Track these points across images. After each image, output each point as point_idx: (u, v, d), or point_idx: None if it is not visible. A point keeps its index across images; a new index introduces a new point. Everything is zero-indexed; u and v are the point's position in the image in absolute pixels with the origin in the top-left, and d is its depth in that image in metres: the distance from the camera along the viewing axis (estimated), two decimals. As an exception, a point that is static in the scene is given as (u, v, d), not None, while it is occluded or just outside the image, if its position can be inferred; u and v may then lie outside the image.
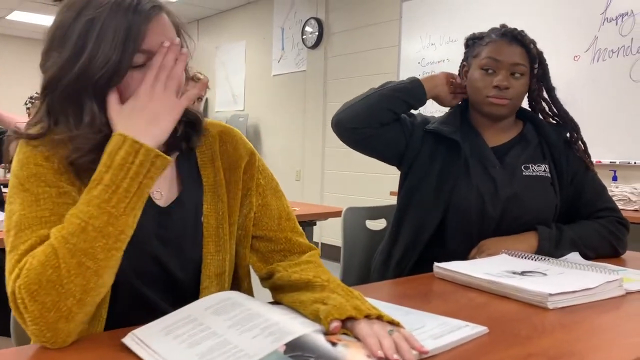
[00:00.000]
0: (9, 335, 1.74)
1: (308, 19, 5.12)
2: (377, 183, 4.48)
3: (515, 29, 1.48)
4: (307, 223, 2.46)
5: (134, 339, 0.74)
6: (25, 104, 4.18)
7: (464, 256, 1.42)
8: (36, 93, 1.79)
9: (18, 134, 0.84)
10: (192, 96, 0.84)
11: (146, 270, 0.89)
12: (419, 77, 1.53)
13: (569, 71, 3.30)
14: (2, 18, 6.84)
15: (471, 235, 1.46)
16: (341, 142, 1.52)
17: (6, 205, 0.81)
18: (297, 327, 0.74)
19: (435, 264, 1.19)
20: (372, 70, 4.60)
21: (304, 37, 5.17)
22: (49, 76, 0.81)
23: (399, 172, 1.58)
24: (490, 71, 1.46)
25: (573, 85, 3.25)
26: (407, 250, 1.48)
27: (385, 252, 1.55)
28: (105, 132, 0.80)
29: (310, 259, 0.96)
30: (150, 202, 0.89)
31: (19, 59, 7.46)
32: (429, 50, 4.18)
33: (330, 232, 4.87)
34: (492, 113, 1.47)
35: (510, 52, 1.45)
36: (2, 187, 2.45)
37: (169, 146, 0.90)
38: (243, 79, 6.14)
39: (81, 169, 0.82)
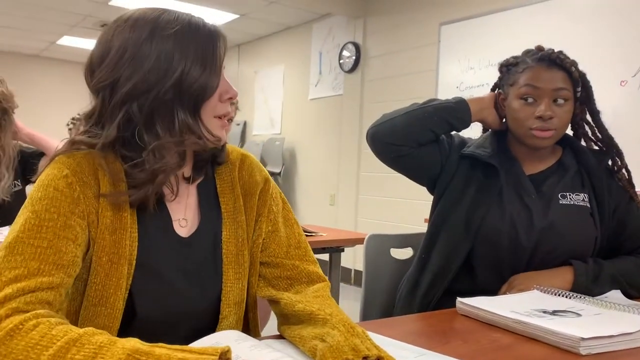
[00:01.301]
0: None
1: (346, 44, 5.12)
2: (413, 209, 4.37)
3: (553, 51, 1.37)
4: (335, 249, 2.39)
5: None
6: (67, 124, 4.28)
7: (494, 290, 1.32)
8: (78, 114, 1.80)
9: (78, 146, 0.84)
10: None
11: (164, 303, 0.86)
12: (466, 98, 1.45)
13: (615, 97, 3.15)
14: (53, 43, 7.14)
15: (502, 268, 1.36)
16: (377, 167, 1.45)
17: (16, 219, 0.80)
18: None
19: (459, 299, 1.10)
20: (409, 95, 4.53)
21: (341, 61, 5.17)
22: (134, 84, 0.81)
23: (432, 198, 1.49)
24: (530, 100, 1.35)
25: (619, 111, 3.09)
26: (435, 279, 1.40)
27: (412, 280, 1.46)
28: (192, 140, 0.83)
29: (318, 293, 0.89)
30: (173, 232, 0.89)
31: (65, 82, 7.75)
32: (468, 75, 4.09)
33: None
34: (536, 146, 1.37)
35: (550, 77, 1.34)
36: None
37: (195, 171, 0.93)
38: (280, 103, 6.17)
39: (160, 181, 0.82)
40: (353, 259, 4.74)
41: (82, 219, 0.80)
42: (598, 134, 1.43)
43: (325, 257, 2.45)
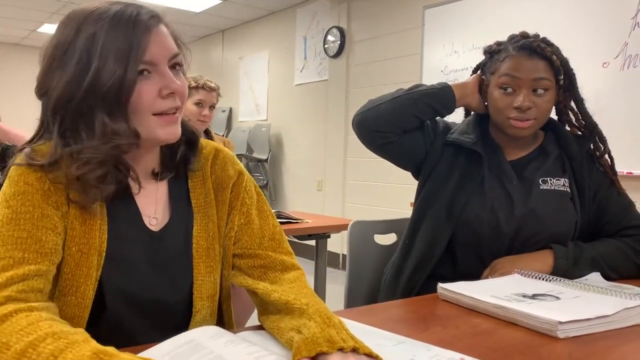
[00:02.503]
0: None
1: (330, 28, 5.08)
2: (399, 194, 4.38)
3: (535, 40, 1.35)
4: (320, 236, 2.39)
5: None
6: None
7: (476, 275, 1.33)
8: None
9: (30, 162, 0.81)
10: None
11: (134, 295, 0.87)
12: (450, 83, 1.44)
13: (598, 79, 3.16)
14: (33, 31, 7.01)
15: (483, 254, 1.37)
16: (363, 152, 1.45)
17: None
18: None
19: (440, 284, 1.11)
20: (395, 79, 4.52)
21: (326, 46, 5.13)
22: (58, 95, 0.80)
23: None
24: (509, 90, 1.34)
25: (602, 93, 3.11)
26: (418, 265, 1.40)
27: (396, 266, 1.47)
28: (115, 142, 0.80)
29: (294, 282, 0.89)
30: (143, 227, 0.89)
31: (49, 70, 7.63)
32: (452, 58, 4.08)
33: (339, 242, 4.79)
34: (515, 135, 1.37)
35: (530, 67, 1.32)
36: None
37: (163, 168, 0.93)
38: (266, 89, 6.12)
39: (87, 185, 0.80)
40: (341, 243, 4.75)
41: (56, 210, 0.81)
42: (582, 121, 1.43)
43: (312, 242, 2.46)
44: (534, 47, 1.34)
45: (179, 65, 0.87)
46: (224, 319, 1.00)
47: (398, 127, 1.40)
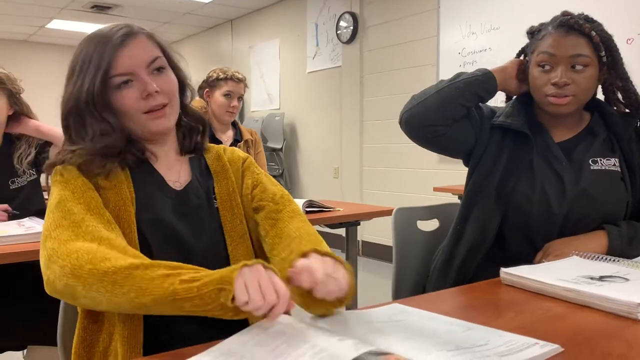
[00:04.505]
0: (56, 344, 1.73)
1: (342, 14, 5.03)
2: (417, 178, 4.37)
3: (572, 17, 1.34)
4: (351, 223, 2.38)
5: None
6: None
7: (526, 259, 1.32)
8: None
9: (59, 161, 1.01)
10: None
11: (166, 245, 1.00)
12: (490, 69, 1.44)
13: (622, 55, 3.11)
14: (42, 27, 7.00)
15: (534, 237, 1.36)
16: (380, 138, 1.45)
17: (47, 213, 0.95)
18: (346, 350, 0.67)
19: (502, 269, 1.10)
20: (411, 63, 4.48)
21: (338, 32, 5.09)
22: (63, 107, 1.02)
23: (438, 167, 1.49)
24: (547, 67, 1.34)
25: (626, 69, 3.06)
26: (471, 250, 1.40)
27: (447, 251, 1.46)
28: (103, 142, 0.98)
29: (299, 228, 1.03)
30: (168, 187, 1.07)
31: (59, 67, 7.62)
32: (470, 40, 4.04)
33: (371, 230, 4.79)
34: (554, 112, 1.36)
35: (568, 43, 1.32)
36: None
37: (182, 147, 1.13)
38: (278, 78, 6.10)
39: (89, 175, 0.98)
40: (361, 231, 4.75)
41: (94, 192, 0.98)
42: (628, 99, 1.41)
43: (341, 231, 2.45)
44: (571, 24, 1.33)
45: (162, 67, 1.04)
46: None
47: (448, 118, 1.39)
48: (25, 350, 1.74)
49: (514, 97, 1.50)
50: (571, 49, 1.31)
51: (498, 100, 1.58)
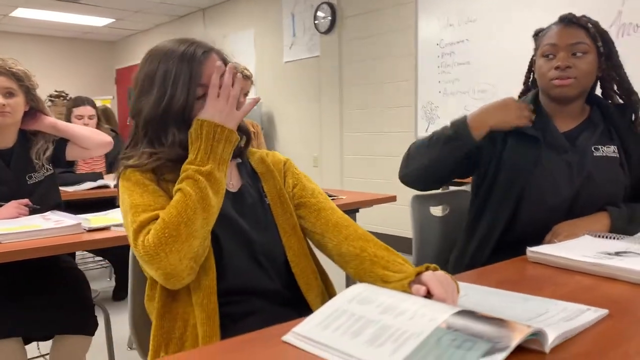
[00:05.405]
0: (91, 334, 1.78)
1: (320, 4, 5.10)
2: (398, 165, 4.50)
3: (571, 13, 1.50)
4: (352, 210, 2.49)
5: (295, 336, 0.77)
6: (45, 102, 4.17)
7: (534, 240, 1.44)
8: (55, 91, 1.84)
9: (130, 165, 1.12)
10: (248, 109, 1.11)
11: (234, 239, 1.12)
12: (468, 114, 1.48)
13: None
14: (6, 15, 6.79)
15: (543, 222, 1.48)
16: (360, 127, 1.59)
17: (120, 206, 1.09)
18: (446, 307, 0.77)
19: (529, 248, 1.22)
20: (390, 53, 4.60)
21: (316, 22, 5.16)
22: (145, 115, 1.10)
23: None
24: (550, 56, 1.49)
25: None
26: (481, 244, 1.53)
27: (460, 249, 1.60)
28: (178, 151, 1.09)
29: (347, 226, 1.17)
30: (225, 189, 1.16)
31: (24, 56, 7.41)
32: (447, 31, 4.18)
33: (366, 219, 4.90)
34: (559, 95, 1.49)
35: (567, 34, 1.47)
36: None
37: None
38: (254, 67, 6.12)
39: (160, 178, 1.10)
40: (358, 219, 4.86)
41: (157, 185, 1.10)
42: (621, 87, 1.56)
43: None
44: (570, 18, 1.49)
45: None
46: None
47: (442, 176, 1.56)
48: (51, 341, 1.79)
49: (529, 94, 1.62)
50: (571, 38, 1.47)
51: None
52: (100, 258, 3.80)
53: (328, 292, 1.23)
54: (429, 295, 0.90)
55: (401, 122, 4.53)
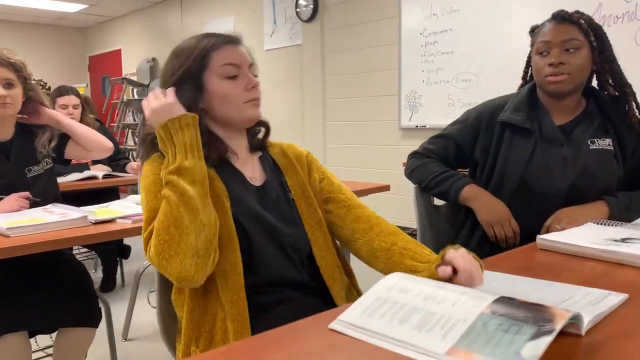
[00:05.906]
0: (96, 326, 1.78)
1: (302, -8, 5.08)
2: (381, 153, 4.56)
3: (564, 10, 1.54)
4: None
5: (341, 324, 0.80)
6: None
7: (533, 231, 1.49)
8: (33, 80, 1.83)
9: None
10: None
11: (263, 234, 1.13)
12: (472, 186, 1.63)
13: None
14: (-26, 0, 6.57)
15: (539, 212, 1.53)
16: (343, 115, 1.65)
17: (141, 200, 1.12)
18: (484, 294, 0.79)
19: (539, 236, 1.27)
20: (373, 42, 4.62)
21: (297, 10, 5.14)
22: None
23: (402, 143, 1.74)
24: (544, 53, 1.53)
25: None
26: (484, 234, 1.59)
27: (464, 239, 1.66)
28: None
29: (377, 222, 1.21)
30: (249, 183, 1.19)
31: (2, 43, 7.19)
32: (431, 21, 4.22)
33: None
34: (554, 91, 1.54)
35: (560, 31, 1.51)
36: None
37: (252, 146, 1.26)
38: (234, 55, 6.06)
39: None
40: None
41: None
42: (615, 79, 1.62)
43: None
44: (562, 15, 1.53)
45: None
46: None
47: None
48: (55, 333, 1.78)
49: (527, 84, 1.67)
50: (563, 34, 1.51)
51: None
52: (86, 250, 3.75)
53: (354, 287, 1.25)
54: (454, 275, 0.95)
55: (385, 111, 4.57)
